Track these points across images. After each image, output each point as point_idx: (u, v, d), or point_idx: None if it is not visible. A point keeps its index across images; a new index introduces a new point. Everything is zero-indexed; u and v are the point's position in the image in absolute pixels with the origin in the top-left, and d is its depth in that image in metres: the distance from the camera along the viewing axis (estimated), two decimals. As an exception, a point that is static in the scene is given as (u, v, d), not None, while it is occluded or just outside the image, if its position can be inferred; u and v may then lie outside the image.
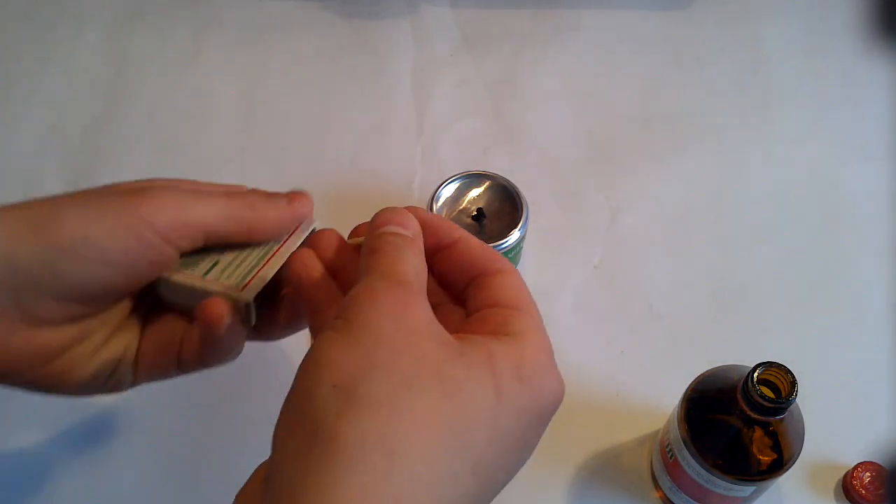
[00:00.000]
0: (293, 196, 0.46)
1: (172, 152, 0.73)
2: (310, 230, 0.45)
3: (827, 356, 0.63)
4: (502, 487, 0.36)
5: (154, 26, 0.81)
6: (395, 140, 0.74)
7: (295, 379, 0.33)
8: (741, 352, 0.54)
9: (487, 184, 0.63)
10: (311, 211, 0.46)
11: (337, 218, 0.70)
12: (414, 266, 0.37)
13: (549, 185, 0.72)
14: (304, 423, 0.31)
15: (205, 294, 0.42)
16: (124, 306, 0.45)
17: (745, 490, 0.51)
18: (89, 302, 0.42)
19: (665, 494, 0.57)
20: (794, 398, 0.47)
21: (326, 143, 0.74)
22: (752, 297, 0.66)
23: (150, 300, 0.45)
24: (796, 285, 0.67)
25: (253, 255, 0.44)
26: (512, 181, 0.63)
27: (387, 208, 0.40)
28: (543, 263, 0.68)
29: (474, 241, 0.40)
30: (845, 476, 0.58)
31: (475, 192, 0.63)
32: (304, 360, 0.33)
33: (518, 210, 0.62)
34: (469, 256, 0.39)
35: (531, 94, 0.77)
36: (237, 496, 0.36)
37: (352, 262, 0.41)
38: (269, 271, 0.43)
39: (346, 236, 0.45)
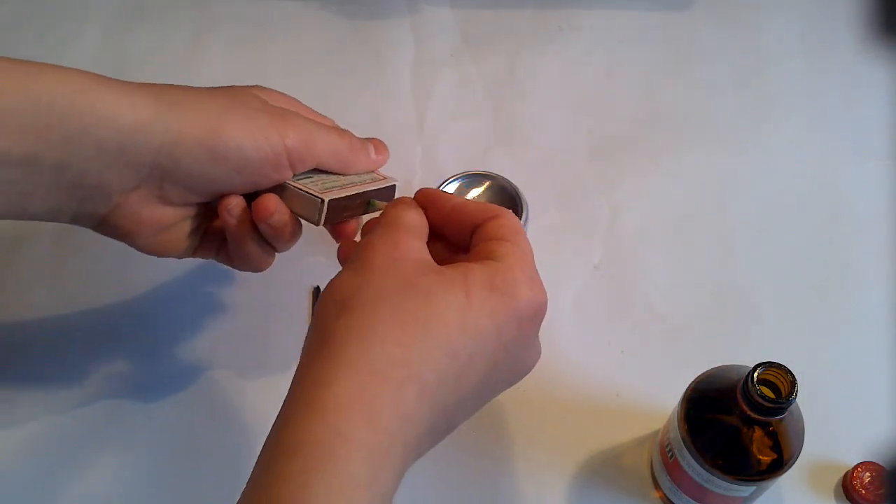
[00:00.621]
0: (378, 148, 0.57)
1: (172, 152, 0.73)
2: (390, 184, 0.57)
3: (827, 356, 0.63)
4: (491, 381, 0.43)
5: (154, 26, 0.80)
6: (394, 140, 0.74)
7: (316, 305, 0.43)
8: (741, 352, 0.54)
9: (487, 184, 0.64)
10: (385, 161, 0.58)
11: (337, 218, 0.70)
12: (409, 216, 0.46)
13: (549, 185, 0.72)
14: (315, 330, 0.41)
15: (302, 193, 0.52)
16: None
17: (745, 490, 0.51)
18: (210, 195, 0.52)
19: (665, 494, 0.57)
20: (794, 398, 0.47)
21: (326, 143, 0.74)
22: (752, 297, 0.66)
23: None
24: (796, 285, 0.67)
25: (336, 182, 0.54)
26: (512, 181, 0.63)
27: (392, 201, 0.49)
28: (543, 263, 0.67)
29: (469, 202, 0.47)
30: (845, 476, 0.58)
31: (475, 192, 0.63)
32: (322, 293, 0.43)
33: (518, 210, 0.62)
34: (466, 214, 0.46)
35: (531, 94, 0.77)
36: None
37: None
38: (346, 192, 0.53)
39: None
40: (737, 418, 0.49)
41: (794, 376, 0.47)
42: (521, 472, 0.59)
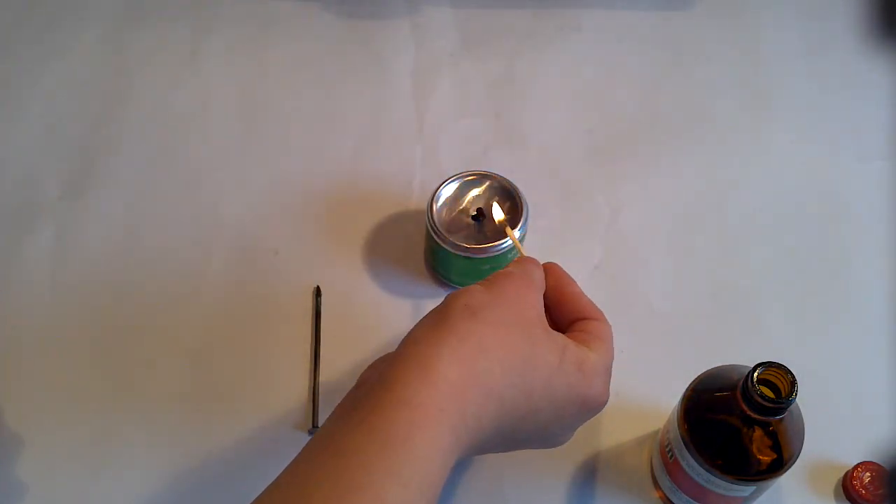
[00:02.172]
0: None
1: (172, 152, 0.73)
2: None
3: (827, 356, 0.63)
4: (534, 435, 0.48)
5: (154, 26, 0.80)
6: (395, 140, 0.74)
7: (442, 301, 0.47)
8: (741, 352, 0.54)
9: (487, 184, 0.64)
10: None
11: (337, 217, 0.70)
12: (538, 274, 0.51)
13: (549, 185, 0.72)
14: (437, 318, 0.46)
15: None
16: None
17: (745, 490, 0.51)
18: None
19: (665, 494, 0.57)
20: (794, 398, 0.47)
21: (326, 143, 0.74)
22: (752, 297, 0.66)
23: None
24: (796, 285, 0.67)
25: None
26: (512, 181, 0.63)
27: (528, 256, 0.53)
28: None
29: (585, 296, 0.52)
30: (845, 476, 0.58)
31: (475, 192, 0.63)
32: (454, 292, 0.48)
33: (518, 210, 0.62)
34: (578, 304, 0.51)
35: (531, 94, 0.77)
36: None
37: None
38: None
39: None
40: (737, 418, 0.49)
41: (794, 376, 0.47)
42: (521, 472, 0.59)
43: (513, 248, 0.62)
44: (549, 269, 0.52)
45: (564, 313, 0.51)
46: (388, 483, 0.40)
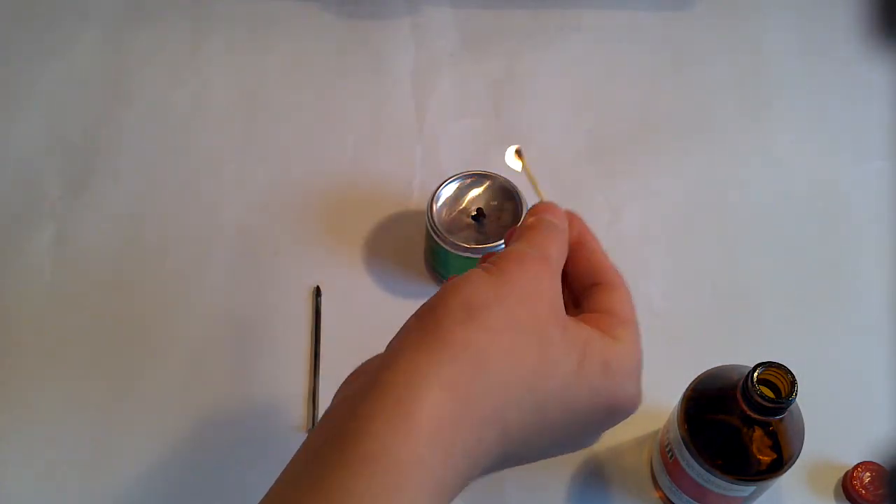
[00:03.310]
0: None
1: (172, 152, 0.73)
2: None
3: (827, 356, 0.63)
4: (553, 446, 0.42)
5: (154, 26, 0.80)
6: (394, 140, 0.74)
7: (438, 292, 0.40)
8: (741, 352, 0.54)
9: (487, 184, 0.64)
10: None
11: (337, 217, 0.70)
12: (558, 249, 0.43)
13: (549, 185, 0.71)
14: (428, 321, 0.38)
15: None
16: None
17: (745, 490, 0.51)
18: None
19: (665, 494, 0.57)
20: (794, 398, 0.47)
21: (326, 143, 0.74)
22: (752, 297, 0.66)
23: None
24: (796, 285, 0.67)
25: None
26: (512, 181, 0.63)
27: (546, 202, 0.46)
28: (543, 263, 0.67)
29: (606, 257, 0.45)
30: (845, 476, 0.58)
31: (475, 192, 0.63)
32: (451, 281, 0.40)
33: (518, 210, 0.62)
34: (596, 264, 0.44)
35: (531, 94, 0.77)
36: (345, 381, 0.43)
37: None
38: None
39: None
40: (737, 418, 0.49)
41: (794, 376, 0.47)
42: (521, 472, 0.59)
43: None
44: (576, 227, 0.45)
45: (582, 274, 0.44)
46: None
